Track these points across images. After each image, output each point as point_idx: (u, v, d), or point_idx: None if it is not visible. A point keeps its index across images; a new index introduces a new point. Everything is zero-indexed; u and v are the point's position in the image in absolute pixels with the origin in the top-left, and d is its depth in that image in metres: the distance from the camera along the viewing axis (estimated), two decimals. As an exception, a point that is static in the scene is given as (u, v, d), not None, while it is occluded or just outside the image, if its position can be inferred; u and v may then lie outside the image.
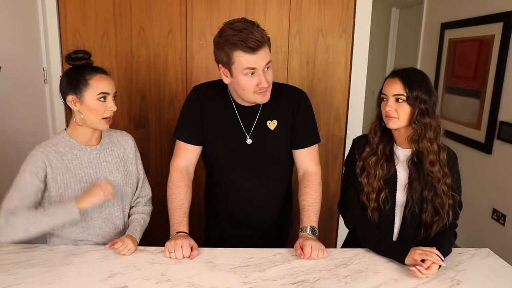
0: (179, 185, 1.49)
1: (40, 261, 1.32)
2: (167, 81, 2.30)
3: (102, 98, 1.35)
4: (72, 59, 1.36)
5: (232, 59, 1.31)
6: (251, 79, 1.33)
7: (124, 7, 2.20)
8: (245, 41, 1.27)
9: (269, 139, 1.48)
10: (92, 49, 2.20)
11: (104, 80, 1.36)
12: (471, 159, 2.85)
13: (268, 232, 1.62)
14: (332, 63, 2.33)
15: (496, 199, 2.62)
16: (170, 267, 1.30)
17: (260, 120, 1.47)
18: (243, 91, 1.37)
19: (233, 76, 1.35)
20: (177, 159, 1.53)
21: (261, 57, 1.31)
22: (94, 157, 1.43)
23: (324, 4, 2.25)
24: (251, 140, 1.47)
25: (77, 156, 1.40)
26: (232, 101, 1.48)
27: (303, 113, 1.51)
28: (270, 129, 1.47)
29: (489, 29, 2.67)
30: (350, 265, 1.34)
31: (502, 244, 2.53)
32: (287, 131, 1.50)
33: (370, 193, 1.42)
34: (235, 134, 1.47)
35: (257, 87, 1.35)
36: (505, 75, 2.53)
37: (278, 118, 1.48)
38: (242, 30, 1.28)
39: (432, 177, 1.38)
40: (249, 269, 1.30)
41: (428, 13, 3.51)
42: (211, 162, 1.56)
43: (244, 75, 1.33)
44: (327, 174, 2.46)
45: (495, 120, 2.61)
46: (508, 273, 1.33)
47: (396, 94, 1.36)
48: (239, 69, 1.32)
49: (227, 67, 1.35)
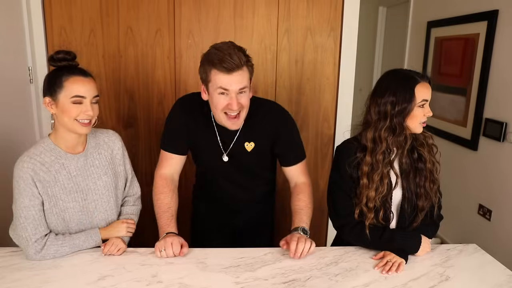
0: (163, 190, 1.52)
1: (28, 265, 1.29)
2: (155, 81, 2.28)
3: (77, 102, 1.29)
4: (54, 60, 1.32)
5: (209, 76, 1.36)
6: (223, 98, 1.36)
7: (111, 6, 2.17)
8: (221, 61, 1.31)
9: (246, 159, 1.53)
10: (79, 49, 2.20)
11: (79, 83, 1.29)
12: (458, 156, 2.90)
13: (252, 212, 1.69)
14: (320, 62, 2.33)
15: (482, 194, 2.67)
16: (161, 268, 1.30)
17: (238, 141, 1.51)
18: (215, 110, 1.41)
19: (209, 93, 1.40)
20: (162, 167, 1.57)
21: (236, 80, 1.34)
22: (81, 164, 1.39)
23: (312, 3, 2.26)
24: (227, 158, 1.52)
25: (64, 166, 1.35)
26: (213, 118, 1.50)
27: (287, 136, 1.55)
28: (247, 151, 1.52)
29: (474, 28, 2.71)
30: (340, 263, 1.35)
31: (488, 239, 2.57)
32: (264, 152, 1.56)
33: (370, 209, 1.36)
34: (213, 151, 1.53)
35: (227, 108, 1.37)
36: (490, 73, 2.58)
37: (256, 141, 1.52)
38: (222, 51, 1.33)
39: (423, 161, 1.40)
40: (241, 269, 1.30)
41: (415, 12, 3.54)
42: (198, 167, 1.68)
43: (217, 94, 1.36)
44: (317, 172, 2.47)
45: (481, 117, 2.65)
46: (496, 268, 1.35)
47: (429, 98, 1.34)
48: (214, 87, 1.36)
49: (205, 84, 1.40)
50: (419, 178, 1.40)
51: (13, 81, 2.07)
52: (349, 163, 1.38)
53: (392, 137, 1.34)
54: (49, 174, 1.33)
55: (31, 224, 1.30)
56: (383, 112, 1.33)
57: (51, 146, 1.35)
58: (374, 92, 1.38)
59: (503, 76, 2.46)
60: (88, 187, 1.39)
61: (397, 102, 1.30)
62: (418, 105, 1.31)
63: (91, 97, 1.32)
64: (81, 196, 1.38)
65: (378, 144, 1.35)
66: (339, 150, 1.44)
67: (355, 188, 1.39)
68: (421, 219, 1.42)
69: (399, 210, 1.42)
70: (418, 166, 1.40)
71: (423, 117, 1.34)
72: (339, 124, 2.41)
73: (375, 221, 1.38)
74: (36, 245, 1.30)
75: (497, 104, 2.52)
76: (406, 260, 1.34)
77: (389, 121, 1.33)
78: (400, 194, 1.41)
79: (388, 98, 1.32)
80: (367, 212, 1.37)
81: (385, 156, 1.36)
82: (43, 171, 1.31)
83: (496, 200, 2.53)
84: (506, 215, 2.44)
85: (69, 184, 1.36)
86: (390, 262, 1.31)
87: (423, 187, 1.40)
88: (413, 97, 1.30)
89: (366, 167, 1.36)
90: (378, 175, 1.34)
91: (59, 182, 1.34)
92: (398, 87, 1.32)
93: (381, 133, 1.34)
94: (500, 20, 2.49)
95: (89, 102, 1.31)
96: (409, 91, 1.30)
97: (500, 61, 2.49)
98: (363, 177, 1.36)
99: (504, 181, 2.44)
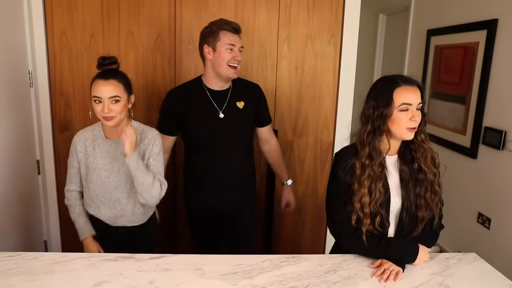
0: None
1: (23, 269, 1.28)
2: (155, 85, 2.29)
3: (97, 101, 1.51)
4: (100, 65, 1.55)
5: (218, 36, 1.76)
6: (229, 52, 1.76)
7: (112, 11, 2.18)
8: (230, 24, 1.77)
9: (239, 115, 1.87)
10: (79, 53, 2.21)
11: (98, 85, 1.51)
12: (457, 164, 2.89)
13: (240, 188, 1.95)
14: (320, 69, 2.34)
15: (481, 203, 2.66)
16: (158, 274, 1.29)
17: (230, 101, 1.86)
18: (222, 61, 1.76)
19: (216, 51, 1.76)
20: None
21: (239, 39, 1.81)
22: (112, 149, 1.62)
23: (313, 10, 2.27)
24: (223, 115, 1.83)
25: (99, 146, 1.63)
26: (206, 88, 1.85)
27: (263, 102, 1.99)
28: (239, 108, 1.87)
29: (473, 36, 2.72)
30: (339, 271, 1.34)
31: (488, 248, 2.56)
32: (251, 111, 1.92)
33: (366, 215, 1.36)
34: (209, 111, 1.83)
35: (233, 59, 1.77)
36: (489, 82, 2.58)
37: (245, 100, 1.89)
38: (226, 20, 1.80)
39: (424, 171, 1.38)
40: (238, 276, 1.29)
41: (415, 20, 3.56)
42: (192, 139, 1.90)
43: (225, 49, 1.76)
44: (316, 179, 2.47)
45: (480, 126, 2.65)
46: (495, 277, 1.34)
47: (419, 103, 1.31)
48: (222, 44, 1.75)
49: (212, 45, 1.77)
50: (419, 188, 1.38)
51: (13, 84, 2.07)
52: (343, 168, 1.38)
53: (373, 140, 1.34)
54: (86, 149, 1.63)
55: (68, 177, 1.69)
56: (366, 116, 1.36)
57: (98, 128, 1.66)
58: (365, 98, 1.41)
59: (503, 85, 2.46)
60: (113, 169, 1.62)
61: (377, 106, 1.32)
62: (398, 109, 1.30)
63: (107, 98, 1.50)
64: (104, 174, 1.62)
65: (362, 148, 1.36)
66: (337, 156, 1.45)
67: (351, 195, 1.38)
68: (421, 229, 1.40)
69: (398, 219, 1.41)
70: (418, 176, 1.39)
71: (408, 122, 1.31)
72: (339, 131, 2.41)
73: (372, 228, 1.37)
74: (66, 194, 1.71)
75: (497, 112, 2.52)
76: (403, 268, 1.33)
77: (370, 124, 1.34)
78: (399, 203, 1.40)
79: (370, 102, 1.35)
80: (363, 218, 1.36)
81: (372, 160, 1.35)
82: (85, 145, 1.64)
83: (496, 209, 2.52)
84: (506, 223, 2.43)
85: (98, 161, 1.62)
86: (387, 271, 1.31)
87: (423, 198, 1.38)
88: (391, 100, 1.30)
89: (358, 170, 1.36)
90: (367, 179, 1.34)
91: (91, 157, 1.63)
92: (378, 91, 1.34)
93: (364, 137, 1.36)
94: (500, 29, 2.50)
95: (106, 101, 1.50)
96: (387, 95, 1.31)
97: (500, 70, 2.49)
98: (354, 181, 1.36)
99: (504, 189, 2.44)
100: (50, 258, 1.36)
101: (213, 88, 1.85)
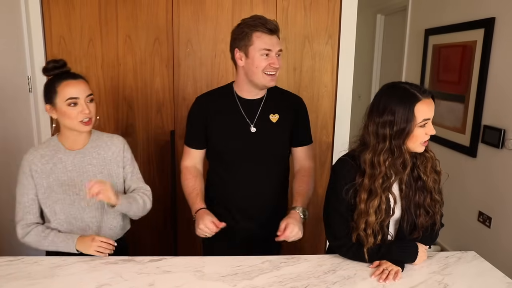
0: (187, 177, 1.66)
1: (24, 274, 1.29)
2: (154, 89, 2.29)
3: (72, 103, 1.38)
4: (47, 70, 1.41)
5: (252, 39, 1.49)
6: (265, 59, 1.49)
7: (110, 15, 2.19)
8: (265, 24, 1.48)
9: (272, 130, 1.61)
10: (78, 57, 2.22)
11: (70, 86, 1.38)
12: (456, 163, 2.89)
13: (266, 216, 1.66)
14: (318, 70, 2.34)
15: (482, 201, 2.66)
16: (158, 277, 1.29)
17: (263, 113, 1.60)
18: (256, 70, 1.51)
19: (249, 57, 1.51)
20: (185, 160, 1.70)
21: (276, 41, 1.52)
22: (78, 160, 1.46)
23: (310, 11, 2.27)
24: (255, 129, 1.58)
25: (61, 160, 1.45)
26: (236, 97, 1.61)
27: (303, 117, 1.69)
28: (272, 122, 1.61)
29: (471, 35, 2.73)
30: (338, 271, 1.34)
31: (488, 246, 2.56)
32: (287, 126, 1.64)
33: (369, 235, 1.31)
34: (239, 125, 1.59)
35: (269, 67, 1.50)
36: (487, 80, 2.58)
37: (280, 113, 1.62)
38: (261, 18, 1.50)
39: (424, 180, 1.34)
40: (238, 277, 1.29)
41: (412, 20, 3.57)
42: (216, 156, 1.67)
43: (260, 55, 1.49)
44: (315, 179, 2.47)
45: (479, 124, 2.65)
46: (495, 276, 1.35)
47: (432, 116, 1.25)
48: (256, 49, 1.49)
49: (244, 49, 1.51)
50: (418, 196, 1.35)
51: (12, 89, 2.08)
52: (347, 189, 1.31)
53: (391, 160, 1.25)
54: (46, 166, 1.43)
55: (21, 210, 1.43)
56: (382, 134, 1.24)
57: (55, 142, 1.48)
58: (371, 108, 1.29)
59: (501, 83, 2.47)
60: (82, 183, 1.43)
61: (396, 122, 1.21)
62: (419, 125, 1.22)
63: (84, 97, 1.40)
64: (73, 190, 1.44)
65: (376, 168, 1.26)
66: (336, 172, 1.37)
67: (352, 212, 1.33)
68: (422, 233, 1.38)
69: (397, 226, 1.40)
70: (418, 184, 1.35)
71: (425, 136, 1.25)
72: (338, 131, 2.41)
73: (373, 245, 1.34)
74: (21, 230, 1.43)
75: (496, 111, 2.53)
76: (403, 268, 1.33)
77: (388, 143, 1.24)
78: (399, 213, 1.37)
79: (386, 117, 1.22)
80: (364, 237, 1.31)
81: (384, 180, 1.27)
82: (41, 163, 1.43)
83: (496, 207, 2.52)
84: (506, 222, 2.43)
85: (63, 178, 1.44)
86: (386, 271, 1.31)
87: (423, 207, 1.35)
88: (412, 117, 1.20)
89: (365, 193, 1.28)
90: (377, 201, 1.27)
91: (54, 174, 1.43)
92: (397, 105, 1.21)
93: (380, 158, 1.25)
94: (497, 28, 2.50)
95: (83, 101, 1.39)
96: (409, 111, 1.20)
97: (498, 68, 2.50)
98: (360, 203, 1.29)
99: (504, 187, 2.44)
100: (50, 262, 1.36)
101: (245, 97, 1.60)
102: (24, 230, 1.42)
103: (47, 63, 1.42)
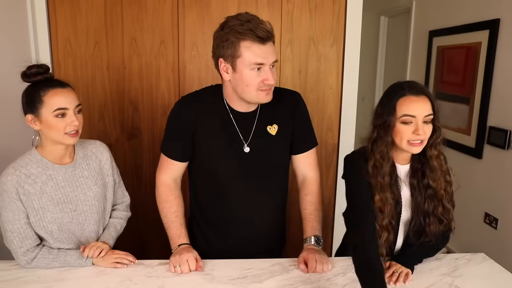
0: (168, 199, 1.44)
1: (34, 278, 1.29)
2: (159, 92, 2.30)
3: (60, 114, 1.25)
4: (27, 76, 1.28)
5: (239, 51, 1.21)
6: (257, 74, 1.23)
7: (115, 18, 2.20)
8: (254, 30, 1.18)
9: (271, 146, 1.39)
10: (84, 60, 2.22)
11: (59, 95, 1.26)
12: (462, 164, 2.89)
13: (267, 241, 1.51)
14: (324, 72, 2.34)
15: (488, 203, 2.65)
16: (168, 280, 1.29)
17: (259, 127, 1.37)
18: (246, 88, 1.25)
19: (236, 71, 1.24)
20: (162, 173, 1.46)
21: (270, 50, 1.23)
22: (69, 175, 1.35)
23: (315, 14, 2.27)
24: (248, 148, 1.36)
25: (51, 177, 1.32)
26: (228, 107, 1.37)
27: (301, 116, 1.43)
28: (272, 135, 1.38)
29: (476, 37, 2.72)
30: (348, 274, 1.34)
31: (495, 247, 2.55)
32: (288, 136, 1.42)
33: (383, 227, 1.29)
34: (232, 143, 1.36)
35: (262, 84, 1.25)
36: (492, 81, 2.58)
37: (279, 123, 1.39)
38: (250, 21, 1.21)
39: (434, 188, 1.32)
40: (247, 280, 1.29)
41: (416, 21, 3.57)
42: (203, 176, 1.44)
43: (250, 70, 1.23)
44: (321, 182, 2.46)
45: (485, 125, 2.65)
46: (505, 278, 1.34)
47: (427, 115, 1.21)
48: (245, 63, 1.22)
49: (229, 61, 1.24)
50: (427, 204, 1.33)
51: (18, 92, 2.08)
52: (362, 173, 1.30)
53: (378, 149, 1.26)
54: (35, 186, 1.29)
55: (17, 237, 1.29)
56: (373, 123, 1.30)
57: (38, 158, 1.32)
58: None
59: (506, 84, 2.46)
60: (78, 198, 1.36)
61: (381, 114, 1.25)
62: (400, 121, 1.22)
63: (74, 107, 1.28)
64: (70, 207, 1.34)
65: (369, 156, 1.29)
66: (348, 160, 1.37)
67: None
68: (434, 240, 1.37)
69: (406, 232, 1.38)
70: (427, 192, 1.33)
71: (410, 135, 1.22)
72: (343, 133, 2.41)
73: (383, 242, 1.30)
74: (24, 257, 1.30)
75: (501, 112, 2.52)
76: (412, 270, 1.32)
77: (376, 132, 1.27)
78: (408, 216, 1.36)
79: (377, 109, 1.29)
80: (380, 230, 1.28)
81: (377, 169, 1.27)
82: (28, 183, 1.28)
83: (502, 208, 2.51)
84: (513, 223, 2.42)
85: (57, 195, 1.32)
86: (396, 273, 1.30)
87: (433, 215, 1.33)
88: (393, 111, 1.22)
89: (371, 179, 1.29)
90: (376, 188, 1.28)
91: (46, 194, 1.30)
92: (385, 98, 1.27)
93: (369, 145, 1.29)
94: (502, 29, 2.50)
95: (72, 112, 1.28)
96: (390, 104, 1.23)
97: (503, 69, 2.49)
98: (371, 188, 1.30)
99: (510, 189, 2.43)
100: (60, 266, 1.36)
101: (237, 109, 1.36)
102: (28, 256, 1.30)
103: (28, 68, 1.27)
